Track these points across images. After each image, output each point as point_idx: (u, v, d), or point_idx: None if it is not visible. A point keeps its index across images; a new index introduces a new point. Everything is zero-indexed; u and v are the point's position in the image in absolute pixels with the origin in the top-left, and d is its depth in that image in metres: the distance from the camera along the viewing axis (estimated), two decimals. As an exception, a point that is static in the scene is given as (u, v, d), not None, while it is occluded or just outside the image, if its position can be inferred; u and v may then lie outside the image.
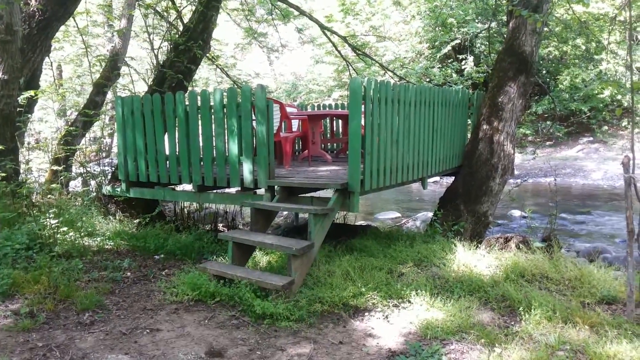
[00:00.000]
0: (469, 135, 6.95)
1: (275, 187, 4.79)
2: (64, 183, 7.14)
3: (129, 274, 4.55)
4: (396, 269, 4.59)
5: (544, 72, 20.50)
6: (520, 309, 3.74)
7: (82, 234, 5.30)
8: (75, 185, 7.99)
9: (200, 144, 5.32)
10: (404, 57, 20.16)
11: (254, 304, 3.62)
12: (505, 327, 3.52)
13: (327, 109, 8.81)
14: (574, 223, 9.60)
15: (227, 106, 5.01)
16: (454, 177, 6.80)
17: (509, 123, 6.46)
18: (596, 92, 18.52)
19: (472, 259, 4.78)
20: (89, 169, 7.45)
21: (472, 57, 18.18)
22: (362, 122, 4.47)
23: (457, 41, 18.81)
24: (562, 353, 3.10)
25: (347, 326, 3.58)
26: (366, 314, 3.79)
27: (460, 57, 18.50)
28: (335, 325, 3.60)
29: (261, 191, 4.99)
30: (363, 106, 4.45)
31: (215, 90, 5.22)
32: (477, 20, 18.43)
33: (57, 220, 5.09)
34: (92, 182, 7.02)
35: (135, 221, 6.31)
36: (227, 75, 11.77)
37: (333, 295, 3.90)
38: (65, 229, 5.11)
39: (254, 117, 4.90)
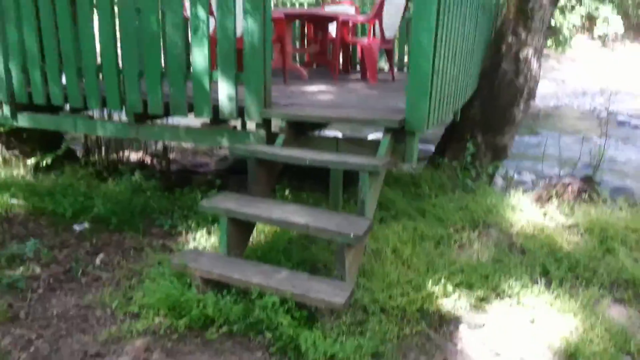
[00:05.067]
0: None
1: (281, 122, 3.03)
2: None
3: (37, 269, 2.66)
4: (451, 237, 3.25)
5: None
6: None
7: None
8: None
9: (141, 46, 3.29)
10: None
11: (298, 339, 2.05)
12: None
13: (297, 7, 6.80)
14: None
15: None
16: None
17: (538, 35, 5.11)
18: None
19: (538, 217, 3.59)
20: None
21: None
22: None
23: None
24: None
25: (447, 356, 2.21)
26: (460, 326, 2.43)
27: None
28: (429, 357, 2.20)
29: (251, 126, 3.21)
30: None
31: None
32: None
33: None
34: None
35: (29, 162, 4.25)
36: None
37: (401, 299, 2.46)
38: None
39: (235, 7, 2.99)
